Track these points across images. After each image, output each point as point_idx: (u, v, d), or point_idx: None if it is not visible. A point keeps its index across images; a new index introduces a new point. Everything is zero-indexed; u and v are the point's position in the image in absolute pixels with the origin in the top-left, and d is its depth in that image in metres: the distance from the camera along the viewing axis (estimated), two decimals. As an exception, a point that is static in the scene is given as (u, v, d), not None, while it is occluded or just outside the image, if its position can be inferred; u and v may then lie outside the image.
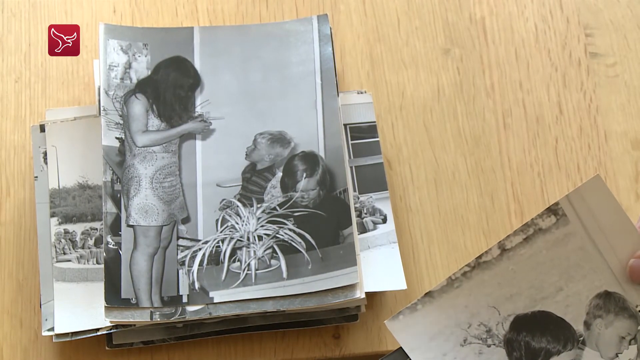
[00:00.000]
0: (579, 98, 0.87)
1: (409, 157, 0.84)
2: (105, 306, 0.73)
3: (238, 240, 0.77)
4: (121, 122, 0.80)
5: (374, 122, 0.83)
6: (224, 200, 0.79)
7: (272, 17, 0.89)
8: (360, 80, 0.87)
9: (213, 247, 0.77)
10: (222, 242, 0.77)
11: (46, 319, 0.75)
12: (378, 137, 0.83)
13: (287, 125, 0.81)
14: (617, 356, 0.66)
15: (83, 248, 0.78)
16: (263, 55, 0.83)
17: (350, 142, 0.83)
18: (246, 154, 0.80)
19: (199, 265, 0.76)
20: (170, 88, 0.82)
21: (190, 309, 0.75)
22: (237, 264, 0.77)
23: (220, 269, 0.76)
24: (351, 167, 0.81)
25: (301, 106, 0.82)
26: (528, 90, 0.87)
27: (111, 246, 0.76)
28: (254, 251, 0.77)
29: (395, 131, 0.85)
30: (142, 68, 0.82)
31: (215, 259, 0.77)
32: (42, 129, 0.81)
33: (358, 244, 0.77)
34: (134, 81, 0.81)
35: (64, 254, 0.77)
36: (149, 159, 0.79)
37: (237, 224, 0.78)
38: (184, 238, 0.77)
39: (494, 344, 0.66)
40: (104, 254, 0.75)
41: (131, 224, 0.77)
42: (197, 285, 0.75)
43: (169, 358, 0.77)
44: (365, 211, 0.80)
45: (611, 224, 0.66)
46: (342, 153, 0.80)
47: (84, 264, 0.77)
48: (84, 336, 0.74)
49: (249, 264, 0.76)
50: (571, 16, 0.90)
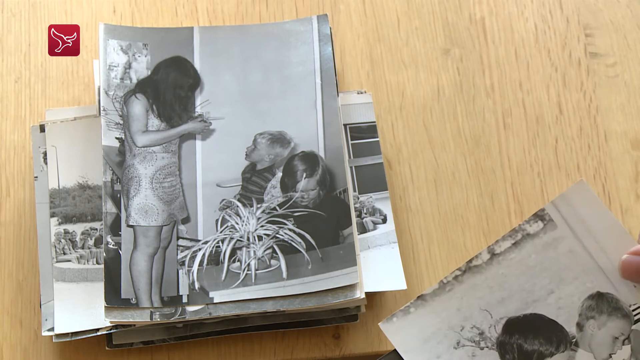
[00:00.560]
0: (578, 98, 0.87)
1: (408, 157, 0.84)
2: (105, 306, 0.73)
3: (238, 240, 0.77)
4: (121, 122, 0.80)
5: (374, 122, 0.83)
6: (223, 200, 0.79)
7: (272, 17, 0.89)
8: (360, 80, 0.87)
9: (213, 247, 0.77)
10: (222, 242, 0.77)
11: (46, 319, 0.75)
12: (378, 137, 0.83)
13: (287, 125, 0.81)
14: (610, 357, 0.66)
15: (83, 248, 0.78)
16: (263, 55, 0.83)
17: (350, 142, 0.83)
18: (246, 154, 0.80)
19: (198, 266, 0.76)
20: (170, 88, 0.82)
21: (190, 309, 0.75)
22: (237, 264, 0.77)
23: (220, 269, 0.76)
24: (351, 167, 0.81)
25: (301, 106, 0.82)
26: (528, 90, 0.87)
27: (111, 246, 0.76)
28: (254, 251, 0.77)
29: (395, 131, 0.85)
30: (142, 68, 0.82)
31: (215, 259, 0.77)
32: (42, 129, 0.81)
33: (358, 244, 0.77)
34: (134, 81, 0.81)
35: (64, 254, 0.77)
36: (149, 159, 0.79)
37: (237, 224, 0.78)
38: (183, 238, 0.77)
39: (487, 347, 0.66)
40: (104, 254, 0.75)
41: (131, 224, 0.77)
42: (197, 286, 0.75)
43: (169, 358, 0.77)
44: (365, 211, 0.80)
45: (599, 226, 0.66)
46: (342, 153, 0.80)
47: (84, 264, 0.77)
48: (83, 336, 0.74)
49: (248, 264, 0.76)
50: (571, 16, 0.90)
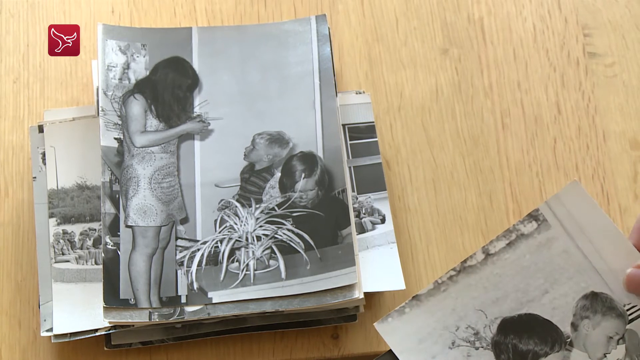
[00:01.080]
0: (577, 98, 0.87)
1: (407, 157, 0.84)
2: (103, 307, 0.73)
3: (237, 240, 0.77)
4: (120, 122, 0.80)
5: (373, 122, 0.83)
6: (222, 200, 0.79)
7: (271, 17, 0.89)
8: (358, 81, 0.87)
9: (212, 248, 0.77)
10: (221, 242, 0.77)
11: (45, 320, 0.75)
12: (376, 137, 0.83)
13: (285, 125, 0.81)
14: (605, 356, 0.66)
15: (82, 248, 0.78)
16: (261, 56, 0.83)
17: (349, 142, 0.83)
18: (245, 154, 0.80)
19: (197, 266, 0.76)
20: (169, 88, 0.82)
21: (189, 309, 0.75)
22: (236, 264, 0.77)
23: (219, 270, 0.76)
24: (350, 168, 0.81)
25: (300, 106, 0.81)
26: (526, 90, 0.87)
27: (110, 247, 0.76)
28: (253, 251, 0.77)
29: (393, 131, 0.85)
30: (140, 68, 0.82)
31: (213, 259, 0.77)
32: (41, 129, 0.81)
33: (357, 244, 0.77)
34: (133, 81, 0.81)
35: (63, 254, 0.77)
36: (148, 159, 0.79)
37: (236, 224, 0.78)
38: (182, 238, 0.77)
39: (481, 347, 0.66)
40: (103, 254, 0.75)
41: (130, 224, 0.77)
42: (195, 286, 0.75)
43: (168, 358, 0.77)
44: (363, 211, 0.80)
45: (593, 226, 0.66)
46: (341, 153, 0.80)
47: (83, 264, 0.77)
48: (82, 337, 0.74)
49: (247, 265, 0.76)
50: (569, 16, 0.90)
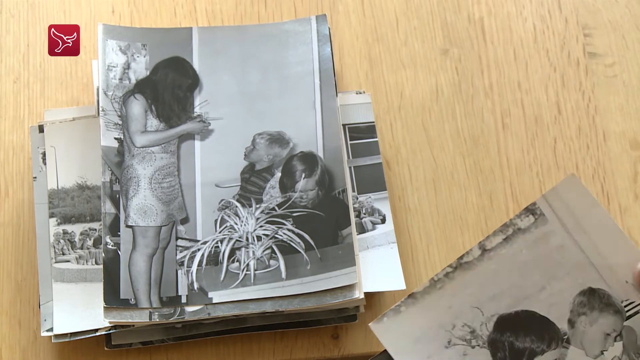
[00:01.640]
0: (577, 98, 0.87)
1: (407, 158, 0.84)
2: (104, 307, 0.73)
3: (237, 240, 0.77)
4: (120, 122, 0.80)
5: (373, 122, 0.83)
6: (222, 200, 0.79)
7: (271, 17, 0.89)
8: (359, 81, 0.87)
9: (212, 248, 0.77)
10: (221, 242, 0.77)
11: (45, 320, 0.75)
12: (377, 137, 0.83)
13: (285, 125, 0.81)
14: (602, 354, 0.65)
15: (82, 248, 0.78)
16: (262, 56, 0.83)
17: (349, 142, 0.83)
18: (245, 155, 0.80)
19: (197, 266, 0.76)
20: (169, 88, 0.82)
21: (189, 309, 0.75)
22: (236, 264, 0.77)
23: (219, 270, 0.76)
24: (350, 168, 0.81)
25: (300, 106, 0.81)
26: (526, 90, 0.87)
27: (110, 247, 0.76)
28: (253, 251, 0.77)
29: (393, 131, 0.85)
30: (140, 68, 0.82)
31: (214, 259, 0.77)
32: (41, 129, 0.81)
33: (357, 244, 0.77)
34: (133, 81, 0.81)
35: (63, 254, 0.77)
36: (148, 159, 0.79)
37: (236, 224, 0.78)
38: (182, 238, 0.77)
39: (478, 345, 0.65)
40: (103, 254, 0.75)
41: (130, 224, 0.77)
42: (196, 286, 0.75)
43: (168, 358, 0.77)
44: (364, 211, 0.80)
45: (591, 220, 0.66)
46: (341, 153, 0.80)
47: (83, 264, 0.77)
48: (82, 337, 0.75)
49: (247, 264, 0.76)
50: (570, 16, 0.90)
